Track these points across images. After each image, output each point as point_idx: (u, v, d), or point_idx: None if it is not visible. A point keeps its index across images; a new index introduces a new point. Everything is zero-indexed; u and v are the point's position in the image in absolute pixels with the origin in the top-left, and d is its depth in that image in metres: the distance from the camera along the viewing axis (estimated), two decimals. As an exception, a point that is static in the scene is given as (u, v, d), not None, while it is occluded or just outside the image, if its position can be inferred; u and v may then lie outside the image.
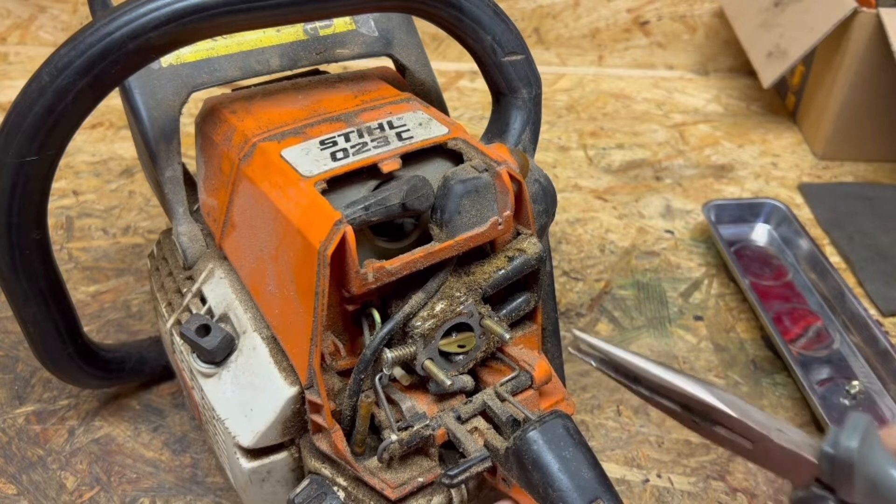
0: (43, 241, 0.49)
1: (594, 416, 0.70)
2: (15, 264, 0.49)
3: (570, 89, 1.20)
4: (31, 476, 0.62)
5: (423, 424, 0.43)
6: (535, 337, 0.49)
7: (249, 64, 0.53)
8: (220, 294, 0.50)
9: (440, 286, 0.43)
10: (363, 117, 0.48)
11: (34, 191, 0.46)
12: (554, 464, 0.37)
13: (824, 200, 0.98)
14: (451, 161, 0.46)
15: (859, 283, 0.86)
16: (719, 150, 1.08)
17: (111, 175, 0.95)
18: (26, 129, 0.43)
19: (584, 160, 1.04)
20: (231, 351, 0.48)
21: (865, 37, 0.96)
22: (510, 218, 0.44)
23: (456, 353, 0.45)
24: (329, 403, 0.43)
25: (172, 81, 0.52)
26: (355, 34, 0.56)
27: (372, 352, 0.42)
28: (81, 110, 0.44)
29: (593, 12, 1.23)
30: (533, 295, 0.47)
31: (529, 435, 0.38)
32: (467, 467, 0.41)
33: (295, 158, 0.44)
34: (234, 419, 0.46)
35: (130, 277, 0.80)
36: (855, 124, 1.04)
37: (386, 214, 0.41)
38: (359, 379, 0.43)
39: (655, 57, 1.27)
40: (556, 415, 0.39)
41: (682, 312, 0.81)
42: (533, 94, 0.51)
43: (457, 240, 0.42)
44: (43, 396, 0.68)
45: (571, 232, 0.91)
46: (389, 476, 0.43)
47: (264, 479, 0.47)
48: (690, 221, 0.94)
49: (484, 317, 0.44)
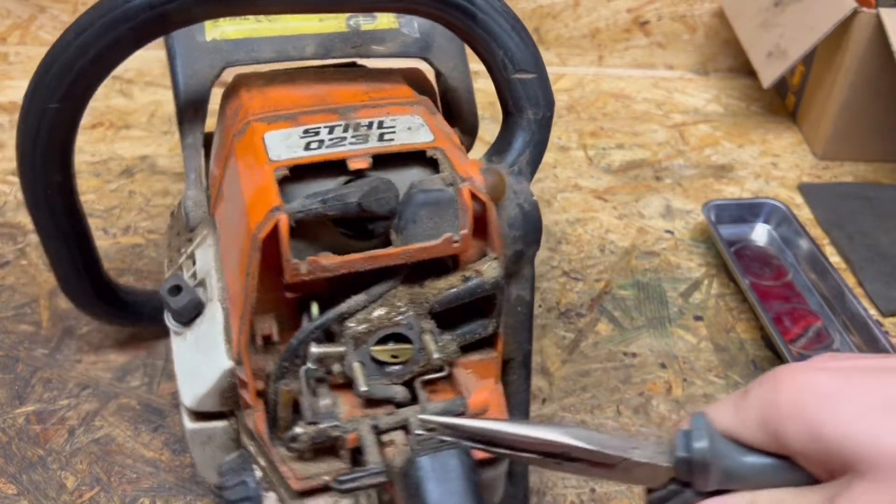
0: (66, 185, 0.54)
1: (594, 416, 0.70)
2: (38, 201, 0.55)
3: (570, 89, 1.20)
4: (32, 476, 0.62)
5: (331, 424, 0.43)
6: (493, 365, 0.48)
7: (286, 48, 0.55)
8: (205, 260, 0.52)
9: (384, 292, 0.43)
10: (360, 113, 0.48)
11: (56, 136, 0.51)
12: (433, 494, 0.37)
13: (824, 200, 0.98)
14: (430, 171, 0.46)
15: (859, 284, 0.86)
16: (719, 150, 1.08)
17: (111, 175, 0.95)
18: (50, 80, 0.48)
19: (584, 160, 1.04)
20: (198, 314, 0.49)
21: (865, 37, 0.96)
22: (468, 237, 0.43)
23: (389, 363, 0.44)
24: (257, 384, 0.44)
25: (211, 55, 0.54)
26: (396, 33, 0.57)
27: (297, 342, 0.42)
28: (100, 68, 0.48)
29: (593, 12, 1.23)
30: (491, 321, 0.46)
31: (419, 460, 0.38)
32: (358, 478, 0.41)
33: (273, 142, 0.45)
34: (184, 379, 0.48)
35: (130, 277, 0.80)
36: (855, 124, 1.04)
37: (343, 211, 0.41)
38: (282, 366, 0.43)
39: (655, 57, 1.27)
40: (457, 447, 0.38)
41: (682, 312, 0.81)
42: (539, 116, 0.49)
43: (405, 248, 0.42)
44: (43, 396, 0.68)
45: (571, 232, 0.91)
46: (298, 467, 0.44)
47: (205, 442, 0.49)
48: (690, 221, 0.94)
49: (424, 331, 0.44)
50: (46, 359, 0.71)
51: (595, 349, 0.76)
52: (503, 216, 0.47)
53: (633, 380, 0.73)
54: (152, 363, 0.71)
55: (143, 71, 1.17)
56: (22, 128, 0.51)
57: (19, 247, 0.84)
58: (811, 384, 0.34)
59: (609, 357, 0.76)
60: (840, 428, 0.33)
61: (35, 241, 0.84)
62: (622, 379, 0.73)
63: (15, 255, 0.82)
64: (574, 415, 0.69)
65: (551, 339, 0.77)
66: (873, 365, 0.35)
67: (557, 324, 0.79)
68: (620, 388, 0.72)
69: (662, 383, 0.73)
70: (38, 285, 0.79)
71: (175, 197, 0.92)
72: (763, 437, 0.36)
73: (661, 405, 0.71)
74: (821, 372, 0.35)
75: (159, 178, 0.95)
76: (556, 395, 0.71)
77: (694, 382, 0.73)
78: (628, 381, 0.73)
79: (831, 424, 0.33)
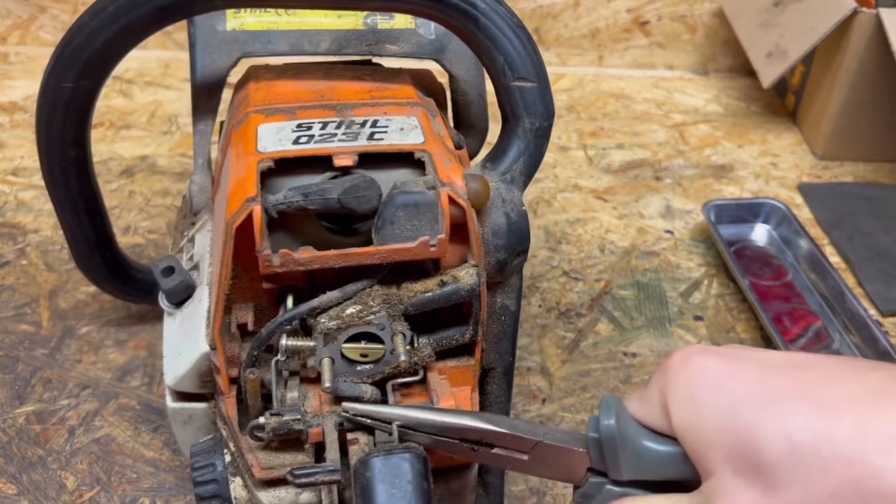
0: (80, 160, 0.56)
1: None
2: (53, 173, 0.57)
3: (570, 89, 1.21)
4: (32, 476, 0.62)
5: (294, 417, 0.43)
6: (470, 372, 0.48)
7: (301, 43, 0.56)
8: (203, 244, 0.53)
9: (359, 291, 0.43)
10: (357, 111, 0.48)
11: (70, 113, 0.53)
12: (379, 497, 0.37)
13: (824, 200, 0.98)
14: (419, 173, 0.46)
15: (859, 283, 0.86)
16: (719, 150, 1.08)
17: (111, 175, 0.95)
18: (65, 58, 0.50)
19: (583, 160, 1.04)
20: (188, 297, 0.51)
21: (865, 37, 0.96)
22: (444, 241, 0.43)
23: (359, 362, 0.44)
24: (231, 370, 0.45)
25: (228, 44, 0.55)
26: (411, 33, 0.57)
27: (267, 333, 0.43)
28: (112, 51, 0.50)
29: (593, 12, 1.23)
30: (468, 328, 0.46)
31: (371, 461, 0.38)
32: (312, 473, 0.41)
33: (265, 134, 0.45)
34: (169, 358, 0.49)
35: (130, 277, 0.80)
36: (855, 124, 1.04)
37: (323, 205, 0.41)
38: (252, 354, 0.44)
39: (655, 57, 1.27)
40: (411, 451, 0.38)
41: (682, 312, 0.81)
42: (536, 126, 0.48)
43: (379, 248, 0.42)
44: (43, 396, 0.68)
45: (571, 232, 0.91)
46: (262, 456, 0.44)
47: (185, 422, 0.50)
48: (690, 221, 0.94)
49: (396, 333, 0.44)
50: (46, 359, 0.71)
51: (595, 349, 0.76)
52: (487, 224, 0.46)
53: (633, 380, 0.73)
54: (152, 363, 0.71)
55: (143, 71, 1.17)
56: (40, 101, 0.53)
57: (19, 247, 0.84)
58: (700, 367, 0.34)
59: (609, 357, 0.76)
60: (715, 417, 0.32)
61: (35, 240, 0.84)
62: (622, 379, 0.73)
63: (15, 255, 0.82)
64: (574, 415, 0.69)
65: (551, 339, 0.77)
66: (767, 359, 0.34)
67: (557, 324, 0.79)
68: (620, 388, 0.72)
69: (662, 383, 0.73)
70: (38, 285, 0.79)
71: (175, 197, 0.92)
72: (664, 420, 0.35)
73: (661, 405, 0.71)
74: (712, 356, 0.34)
75: (159, 178, 0.95)
76: (556, 395, 0.71)
77: (694, 382, 0.73)
78: (628, 381, 0.73)
79: (708, 411, 0.33)
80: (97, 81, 0.52)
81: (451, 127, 0.57)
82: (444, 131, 0.51)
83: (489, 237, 0.47)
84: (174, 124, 1.05)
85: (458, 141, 0.53)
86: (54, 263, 0.81)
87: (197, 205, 0.57)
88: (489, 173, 0.49)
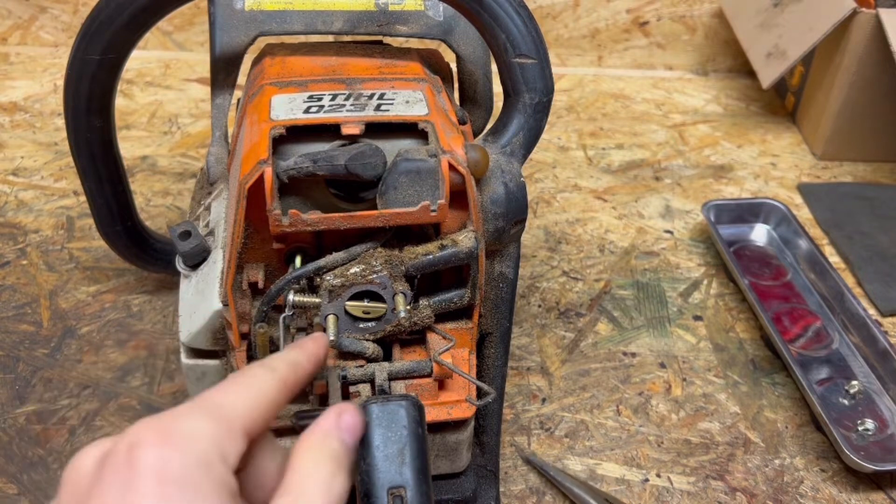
0: (104, 130, 0.61)
1: (594, 415, 0.70)
2: (78, 142, 0.61)
3: (570, 89, 1.21)
4: (32, 476, 0.62)
5: None
6: (468, 335, 0.51)
7: (315, 22, 0.58)
8: (218, 211, 0.56)
9: (363, 252, 0.46)
10: (366, 85, 0.50)
11: (95, 85, 0.57)
12: (376, 440, 0.38)
13: (823, 200, 0.98)
14: (423, 143, 0.48)
15: (858, 283, 0.86)
16: (719, 150, 1.08)
17: (111, 175, 0.95)
18: (92, 33, 0.54)
19: (583, 160, 1.04)
20: (203, 260, 0.53)
21: (865, 37, 0.96)
22: (444, 206, 0.45)
23: (362, 319, 0.47)
24: (242, 326, 0.47)
25: (246, 23, 0.57)
26: (420, 15, 0.59)
27: (276, 290, 0.45)
28: (135, 26, 0.53)
29: (593, 13, 1.23)
30: (467, 291, 0.48)
31: (369, 407, 0.39)
32: (316, 414, 0.42)
33: (278, 104, 0.47)
34: (184, 317, 0.51)
35: (131, 277, 0.80)
36: (854, 124, 1.04)
37: (331, 171, 0.44)
38: (262, 310, 0.46)
39: (655, 57, 1.27)
40: (407, 399, 0.40)
41: (682, 312, 0.81)
42: (536, 101, 0.51)
43: (382, 212, 0.44)
44: (44, 396, 0.68)
45: (571, 232, 0.91)
46: None
47: (199, 378, 0.52)
48: (690, 221, 0.94)
49: (397, 293, 0.46)
50: (47, 359, 0.72)
51: (595, 349, 0.77)
52: (486, 192, 0.49)
53: (633, 379, 0.73)
54: (152, 363, 0.71)
55: (143, 71, 1.17)
56: (68, 73, 0.56)
57: (20, 247, 0.84)
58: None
59: (609, 357, 0.76)
60: None
61: (36, 240, 0.84)
62: (622, 379, 0.73)
63: (15, 255, 0.82)
64: (574, 414, 0.70)
65: (551, 339, 0.77)
66: None
67: (557, 324, 0.79)
68: (620, 388, 0.73)
69: (662, 383, 0.73)
70: (38, 285, 0.79)
71: (175, 197, 0.92)
72: None
73: (661, 405, 0.71)
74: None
75: (159, 178, 0.95)
76: (556, 395, 0.71)
77: (693, 382, 0.73)
78: (628, 381, 0.73)
79: None
80: (123, 54, 0.55)
81: (456, 103, 0.59)
82: (449, 106, 0.53)
83: (488, 205, 0.49)
84: (174, 124, 1.06)
85: (461, 116, 0.55)
86: (55, 263, 0.82)
87: (213, 175, 0.59)
88: (490, 146, 0.51)
